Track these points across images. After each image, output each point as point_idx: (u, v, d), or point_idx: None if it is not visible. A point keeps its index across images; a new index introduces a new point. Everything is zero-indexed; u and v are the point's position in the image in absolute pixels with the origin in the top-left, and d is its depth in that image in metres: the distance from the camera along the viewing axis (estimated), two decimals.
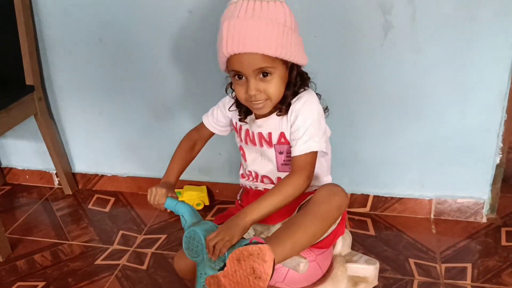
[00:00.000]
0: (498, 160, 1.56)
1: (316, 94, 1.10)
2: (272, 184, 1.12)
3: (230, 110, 1.16)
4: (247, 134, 1.12)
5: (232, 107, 1.15)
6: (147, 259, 1.54)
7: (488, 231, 1.59)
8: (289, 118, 1.06)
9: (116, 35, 1.62)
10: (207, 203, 1.77)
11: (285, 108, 1.05)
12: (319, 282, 1.07)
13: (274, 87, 1.01)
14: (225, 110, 1.19)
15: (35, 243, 1.65)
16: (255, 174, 1.13)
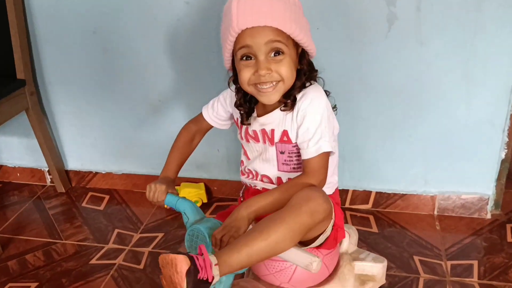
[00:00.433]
0: (503, 155, 1.53)
1: (325, 92, 1.04)
2: (271, 184, 1.06)
3: (235, 106, 1.08)
4: (247, 132, 1.07)
5: (232, 102, 1.08)
6: (144, 259, 1.49)
7: (493, 228, 1.56)
8: (294, 116, 0.99)
9: (111, 27, 1.57)
10: (205, 200, 1.72)
11: (290, 103, 0.98)
12: (325, 282, 1.03)
13: (286, 68, 0.94)
14: (225, 104, 1.12)
15: (27, 242, 1.59)
16: (255, 172, 1.08)
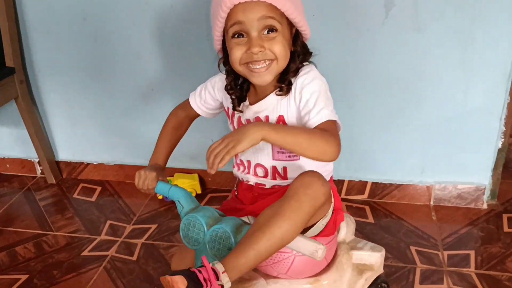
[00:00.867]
0: (500, 144, 1.52)
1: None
2: (264, 178, 1.01)
3: (226, 90, 1.04)
4: (239, 121, 1.02)
5: (221, 90, 1.04)
6: (137, 250, 1.46)
7: (489, 218, 1.55)
8: (292, 99, 0.95)
9: (102, 14, 1.54)
10: (199, 191, 1.70)
11: (286, 87, 0.95)
12: (323, 271, 1.01)
13: (280, 46, 0.90)
14: (214, 92, 1.08)
15: (17, 234, 1.56)
16: (248, 163, 1.03)
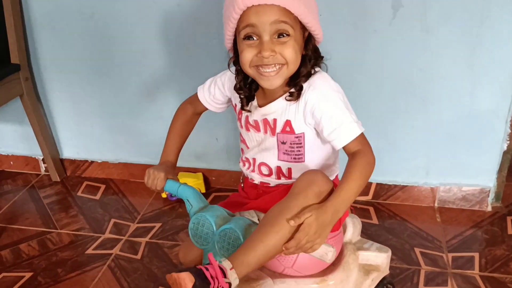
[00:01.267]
0: (505, 146, 1.51)
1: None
2: (268, 177, 1.02)
3: (234, 90, 1.02)
4: (247, 121, 1.02)
5: (232, 87, 1.03)
6: (141, 249, 1.46)
7: (493, 220, 1.55)
8: (301, 107, 0.94)
9: (109, 12, 1.53)
10: (204, 190, 1.69)
11: (296, 92, 0.93)
12: (329, 271, 1.01)
13: (291, 50, 0.89)
14: (224, 89, 1.07)
15: (20, 231, 1.56)
16: (253, 160, 1.04)
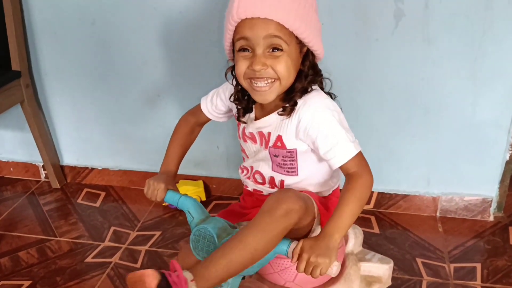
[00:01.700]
0: (507, 156, 1.51)
1: (330, 94, 0.98)
2: (261, 185, 1.01)
3: (230, 100, 1.03)
4: (244, 132, 1.02)
5: (232, 97, 1.02)
6: (141, 257, 1.45)
7: (495, 230, 1.54)
8: (293, 124, 0.92)
9: (110, 19, 1.53)
10: (204, 198, 1.68)
11: (289, 108, 0.92)
12: (331, 282, 1.00)
13: (283, 65, 0.87)
14: (225, 99, 1.07)
15: (20, 239, 1.55)
16: (250, 168, 1.04)
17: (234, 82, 1.00)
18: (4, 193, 1.80)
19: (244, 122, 1.01)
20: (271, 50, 0.87)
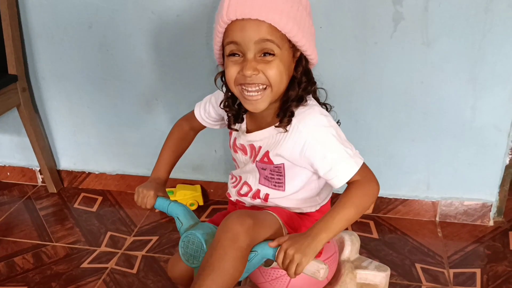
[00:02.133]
0: (507, 160, 1.50)
1: (326, 106, 0.94)
2: (245, 195, 0.99)
3: (220, 107, 1.00)
4: (234, 144, 0.99)
5: (222, 104, 0.99)
6: (137, 262, 1.44)
7: (495, 235, 1.52)
8: (287, 141, 0.88)
9: (108, 22, 1.52)
10: (201, 203, 1.67)
11: (287, 119, 0.87)
12: None
13: (275, 71, 0.83)
14: (217, 106, 1.03)
15: (15, 244, 1.54)
16: (239, 177, 1.02)
17: (225, 89, 0.96)
18: (0, 197, 1.79)
19: (236, 130, 0.98)
20: (262, 55, 0.84)
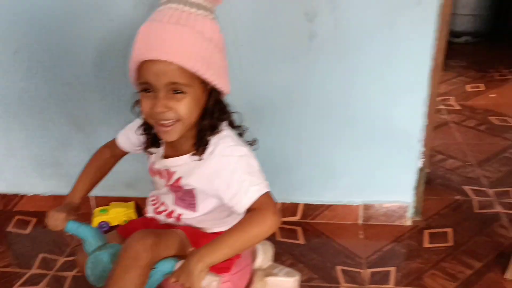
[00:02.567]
0: (420, 164, 1.61)
1: (240, 128, 0.99)
2: (161, 213, 1.04)
3: (137, 133, 1.03)
4: (151, 169, 1.03)
5: (139, 131, 1.02)
6: (67, 283, 1.46)
7: (412, 234, 1.63)
8: (201, 168, 0.93)
9: (34, 46, 1.54)
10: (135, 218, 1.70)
11: (201, 148, 0.92)
12: None
13: (185, 107, 0.88)
14: (138, 133, 1.05)
15: None
16: (157, 197, 1.07)
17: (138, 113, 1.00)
18: None
19: (151, 154, 1.03)
20: (173, 92, 0.87)
